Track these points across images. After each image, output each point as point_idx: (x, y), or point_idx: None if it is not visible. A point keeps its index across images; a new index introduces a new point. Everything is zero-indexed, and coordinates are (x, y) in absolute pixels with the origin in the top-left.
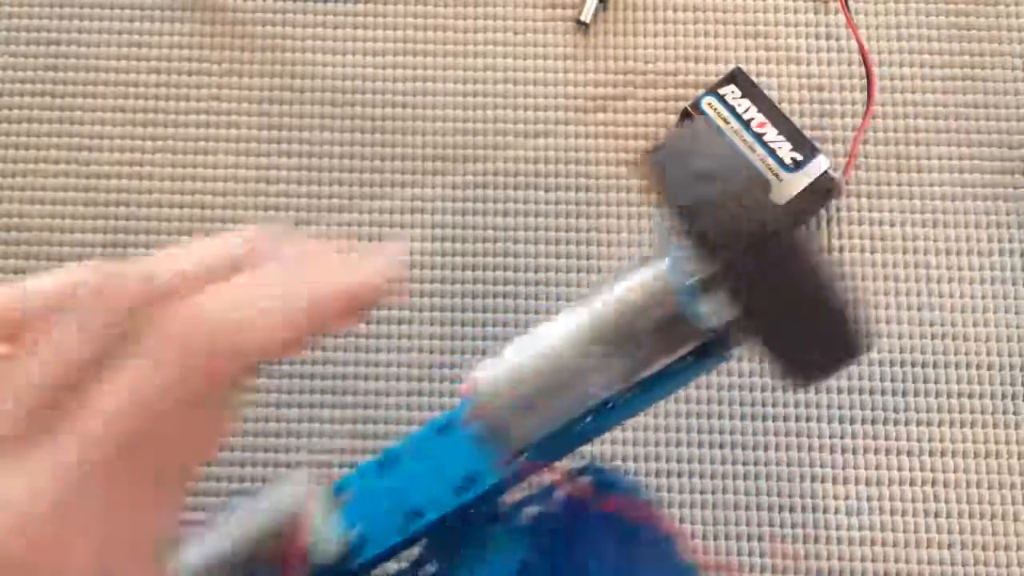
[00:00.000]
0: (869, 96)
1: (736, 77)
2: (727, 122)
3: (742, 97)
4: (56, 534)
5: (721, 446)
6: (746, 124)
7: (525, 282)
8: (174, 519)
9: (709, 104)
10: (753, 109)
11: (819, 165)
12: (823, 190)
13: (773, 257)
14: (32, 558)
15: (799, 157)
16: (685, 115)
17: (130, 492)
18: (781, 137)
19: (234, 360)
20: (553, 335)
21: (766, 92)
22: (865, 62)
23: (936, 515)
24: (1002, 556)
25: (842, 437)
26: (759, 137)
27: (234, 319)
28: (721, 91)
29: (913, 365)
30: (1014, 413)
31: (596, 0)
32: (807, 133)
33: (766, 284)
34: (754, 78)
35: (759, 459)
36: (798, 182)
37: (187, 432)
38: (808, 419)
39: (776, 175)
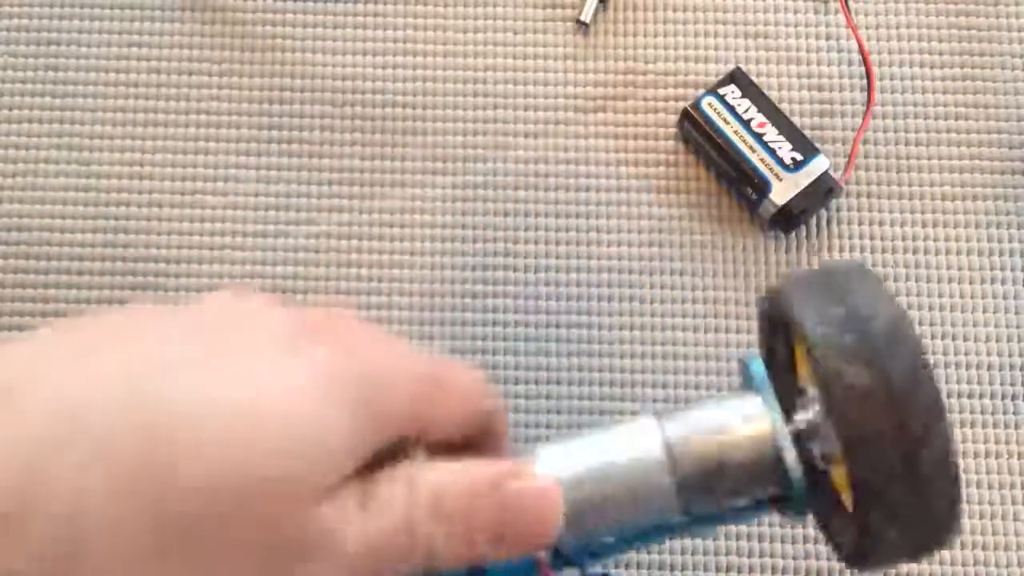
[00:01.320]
0: (869, 96)
1: (736, 77)
2: (727, 122)
3: (742, 97)
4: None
5: None
6: (746, 124)
7: (525, 282)
8: None
9: (709, 104)
10: (753, 109)
11: (819, 165)
12: (823, 190)
13: (914, 466)
14: None
15: (799, 157)
16: (685, 115)
17: None
18: (781, 137)
19: None
20: (628, 449)
21: (766, 92)
22: (865, 62)
23: None
24: (1002, 556)
25: None
26: (759, 137)
27: None
28: (721, 91)
29: None
30: (1014, 413)
31: (596, 0)
32: (807, 133)
33: (886, 472)
34: (754, 78)
35: None
36: (798, 182)
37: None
38: None
39: (776, 175)
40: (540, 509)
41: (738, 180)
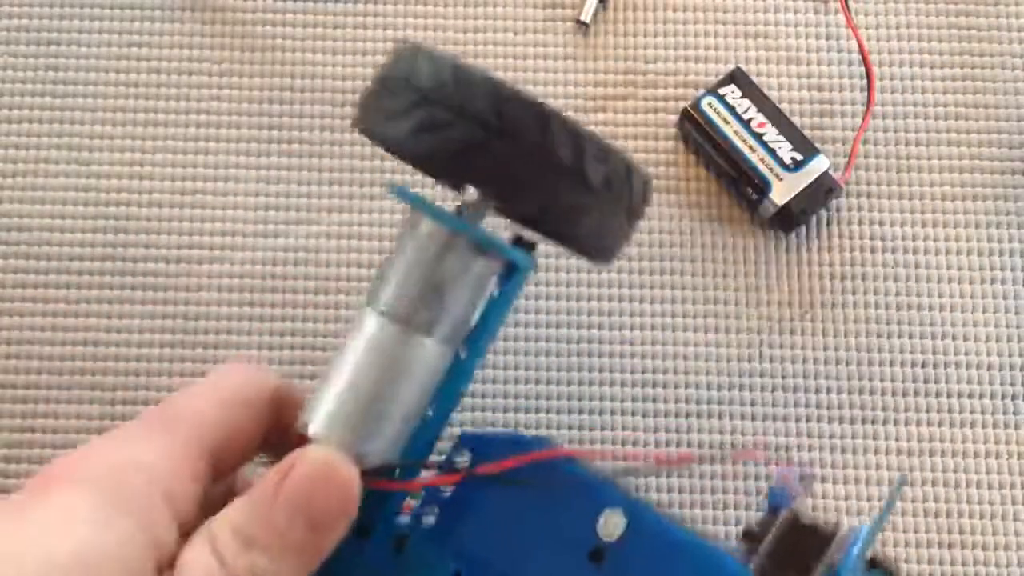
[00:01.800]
0: (869, 96)
1: (736, 77)
2: (727, 122)
3: (742, 97)
4: None
5: (721, 446)
6: (746, 124)
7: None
8: None
9: (709, 104)
10: (753, 109)
11: (819, 165)
12: (823, 190)
13: (511, 135)
14: None
15: (799, 157)
16: (685, 115)
17: None
18: (781, 137)
19: None
20: (359, 338)
21: (766, 92)
22: (865, 62)
23: (936, 515)
24: (1002, 556)
25: (842, 437)
26: (759, 137)
27: None
28: (721, 91)
29: (913, 365)
30: (1014, 413)
31: (596, 0)
32: (807, 133)
33: (517, 169)
34: (754, 78)
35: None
36: (798, 182)
37: None
38: (808, 419)
39: (776, 175)
40: (325, 480)
41: (738, 180)
